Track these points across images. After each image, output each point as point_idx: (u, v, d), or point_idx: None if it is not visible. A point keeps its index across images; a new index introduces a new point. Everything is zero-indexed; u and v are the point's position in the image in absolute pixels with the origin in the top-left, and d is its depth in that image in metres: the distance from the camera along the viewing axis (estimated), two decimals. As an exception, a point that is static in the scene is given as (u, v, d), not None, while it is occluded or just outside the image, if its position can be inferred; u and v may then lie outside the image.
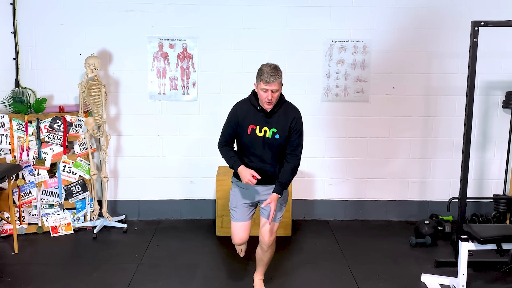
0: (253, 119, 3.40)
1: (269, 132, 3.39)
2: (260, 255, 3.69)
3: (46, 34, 5.01)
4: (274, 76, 3.25)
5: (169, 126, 5.18)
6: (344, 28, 5.06)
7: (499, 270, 3.73)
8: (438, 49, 5.09)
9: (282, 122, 3.39)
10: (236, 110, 3.46)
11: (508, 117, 5.13)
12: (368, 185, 5.30)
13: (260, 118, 3.40)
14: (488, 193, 5.28)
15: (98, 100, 4.81)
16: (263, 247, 3.61)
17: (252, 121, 3.39)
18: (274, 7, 5.03)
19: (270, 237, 3.55)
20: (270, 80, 3.25)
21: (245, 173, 3.36)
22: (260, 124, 3.39)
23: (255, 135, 3.40)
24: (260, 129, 3.39)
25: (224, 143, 3.51)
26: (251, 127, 3.40)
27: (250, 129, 3.40)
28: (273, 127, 3.39)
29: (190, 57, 5.09)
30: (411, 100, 5.17)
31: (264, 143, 3.40)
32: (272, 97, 3.29)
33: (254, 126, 3.39)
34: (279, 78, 3.28)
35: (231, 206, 3.62)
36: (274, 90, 3.28)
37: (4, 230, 4.85)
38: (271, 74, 3.25)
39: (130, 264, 4.22)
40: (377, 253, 4.48)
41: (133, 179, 5.25)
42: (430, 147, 5.24)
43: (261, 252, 3.66)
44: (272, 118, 3.40)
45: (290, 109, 3.46)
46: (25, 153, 4.83)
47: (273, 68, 3.30)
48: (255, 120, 3.39)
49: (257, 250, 3.70)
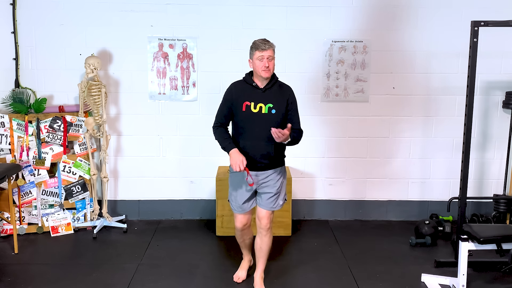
0: (247, 95, 3.48)
1: (265, 108, 3.46)
2: (258, 244, 3.70)
3: (46, 34, 5.01)
4: (267, 44, 3.43)
5: (169, 126, 5.18)
6: (344, 28, 5.06)
7: (499, 270, 3.74)
8: (438, 49, 5.09)
9: (278, 97, 3.49)
10: (231, 89, 3.56)
11: (508, 117, 5.13)
12: (368, 185, 5.30)
13: (255, 94, 3.48)
14: (488, 193, 5.28)
15: (98, 100, 4.81)
16: (261, 232, 3.63)
17: (247, 98, 3.47)
18: (274, 7, 5.03)
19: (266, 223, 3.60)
20: (266, 47, 3.41)
21: (236, 159, 3.38)
22: (255, 101, 3.46)
23: (250, 111, 3.45)
24: (255, 105, 3.46)
25: (218, 124, 3.57)
26: (246, 104, 3.46)
27: (244, 105, 3.46)
28: (269, 102, 3.47)
29: (190, 57, 5.09)
30: (411, 100, 5.17)
31: (260, 119, 3.44)
32: (269, 64, 3.42)
33: (248, 103, 3.46)
34: (272, 46, 3.45)
35: (230, 199, 3.68)
36: (270, 57, 3.42)
37: (4, 230, 4.85)
38: (264, 42, 3.43)
39: (130, 264, 4.22)
40: (377, 253, 4.48)
41: (133, 179, 5.26)
42: (430, 147, 5.24)
43: (260, 239, 3.68)
44: (267, 93, 3.48)
45: (284, 86, 3.61)
46: (25, 153, 4.83)
47: (264, 39, 3.49)
48: (250, 97, 3.47)
49: (255, 240, 3.73)
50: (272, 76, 3.55)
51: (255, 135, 3.47)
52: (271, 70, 3.46)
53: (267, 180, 3.56)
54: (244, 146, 3.49)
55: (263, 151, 3.48)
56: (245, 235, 3.81)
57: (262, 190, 3.59)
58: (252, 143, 3.48)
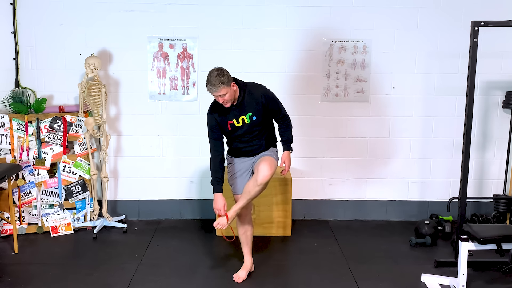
0: (227, 115, 3.66)
1: (246, 118, 3.66)
2: (249, 187, 3.65)
3: (46, 34, 5.01)
4: (215, 86, 3.46)
5: (169, 126, 5.18)
6: (344, 28, 5.06)
7: (499, 270, 3.73)
8: (438, 49, 5.09)
9: (252, 104, 3.65)
10: (211, 114, 3.75)
11: (508, 117, 5.13)
12: (368, 185, 5.30)
13: (232, 111, 3.66)
14: (488, 193, 5.28)
15: (98, 100, 4.81)
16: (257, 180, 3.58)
17: (228, 117, 3.67)
18: (274, 7, 5.03)
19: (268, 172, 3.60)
20: (213, 90, 3.51)
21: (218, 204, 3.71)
22: (235, 117, 3.67)
23: (235, 127, 3.69)
24: (238, 120, 3.67)
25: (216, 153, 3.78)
26: (229, 123, 3.68)
27: (229, 124, 3.68)
28: (248, 112, 3.65)
29: (190, 57, 5.09)
30: (411, 100, 5.17)
31: (246, 129, 3.70)
32: (224, 100, 3.54)
33: (231, 121, 3.67)
34: (220, 86, 3.45)
35: (230, 182, 3.90)
36: (222, 95, 3.51)
37: (4, 230, 4.85)
38: (212, 84, 3.47)
39: (130, 264, 4.21)
40: (377, 253, 4.48)
41: (133, 179, 5.26)
42: (430, 147, 5.24)
43: (252, 184, 3.64)
44: (242, 106, 3.65)
45: (253, 90, 3.70)
46: (25, 153, 4.83)
47: (215, 77, 3.47)
48: (230, 115, 3.66)
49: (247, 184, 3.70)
50: (239, 86, 3.65)
51: (246, 140, 3.77)
52: (230, 100, 3.58)
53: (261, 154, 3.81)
54: (237, 147, 3.83)
55: (255, 147, 3.79)
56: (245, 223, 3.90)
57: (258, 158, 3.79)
58: (244, 145, 3.79)
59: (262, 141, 3.78)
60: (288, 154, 3.86)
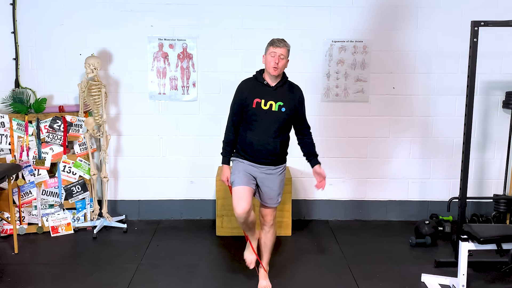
0: (258, 93, 3.55)
1: (275, 106, 3.53)
2: (263, 239, 3.79)
3: (46, 34, 5.01)
4: (283, 42, 3.50)
5: (169, 126, 5.18)
6: (344, 28, 5.06)
7: (499, 270, 3.74)
8: (438, 49, 5.09)
9: (288, 96, 3.57)
10: (242, 86, 3.64)
11: (508, 117, 5.13)
12: (368, 185, 5.30)
13: (266, 92, 3.55)
14: (488, 193, 5.28)
15: (98, 100, 4.81)
16: (265, 228, 3.73)
17: (258, 95, 3.54)
18: (274, 7, 5.03)
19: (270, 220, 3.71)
20: (280, 45, 3.47)
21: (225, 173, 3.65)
22: (265, 98, 3.54)
23: (260, 108, 3.53)
24: (266, 103, 3.53)
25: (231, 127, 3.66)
26: (256, 101, 3.54)
27: (255, 102, 3.54)
28: (279, 101, 3.54)
29: (190, 57, 5.09)
30: (411, 100, 5.17)
31: (269, 116, 3.52)
32: (279, 62, 3.47)
33: (259, 100, 3.54)
34: (286, 46, 3.51)
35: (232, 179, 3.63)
36: (282, 56, 3.47)
37: (4, 230, 4.85)
38: (280, 40, 3.51)
39: (130, 264, 4.22)
40: (377, 253, 4.48)
41: (133, 179, 5.26)
42: (430, 147, 5.24)
43: (263, 235, 3.78)
44: (277, 91, 3.56)
45: (295, 86, 3.67)
46: (25, 153, 4.83)
47: (282, 38, 3.56)
48: (260, 94, 3.54)
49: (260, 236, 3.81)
50: (283, 75, 3.63)
51: (263, 131, 3.54)
52: (280, 69, 3.51)
53: (270, 175, 3.62)
54: (251, 142, 3.56)
55: (270, 147, 3.55)
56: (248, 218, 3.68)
57: (264, 184, 3.63)
58: (259, 138, 3.55)
59: (277, 143, 3.54)
60: (319, 167, 3.69)
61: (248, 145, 3.58)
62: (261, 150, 3.55)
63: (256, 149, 3.56)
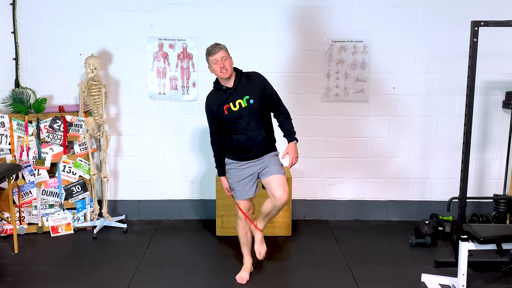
0: (223, 99, 3.66)
1: (243, 101, 3.64)
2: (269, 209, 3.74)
3: (46, 34, 5.01)
4: (217, 46, 3.62)
5: (169, 126, 5.19)
6: (344, 28, 5.06)
7: (499, 270, 3.73)
8: (438, 49, 5.09)
9: (250, 87, 3.66)
10: (207, 102, 3.76)
11: (508, 117, 5.13)
12: (368, 185, 5.30)
13: (229, 95, 3.66)
14: (488, 193, 5.28)
15: (98, 100, 4.81)
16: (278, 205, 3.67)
17: (224, 102, 3.65)
18: (274, 7, 5.03)
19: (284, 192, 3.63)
20: (216, 50, 3.59)
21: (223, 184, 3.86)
22: (232, 101, 3.64)
23: (232, 111, 3.64)
24: (234, 104, 3.64)
25: (214, 141, 3.81)
26: (226, 107, 3.64)
27: (225, 109, 3.64)
28: (244, 96, 3.64)
29: (190, 57, 5.09)
30: (411, 100, 5.17)
31: (244, 113, 3.65)
32: (224, 64, 3.57)
33: (228, 105, 3.64)
34: (222, 48, 3.62)
35: (232, 187, 3.83)
36: (223, 58, 3.59)
37: (4, 230, 4.85)
38: (214, 46, 3.63)
39: (130, 264, 4.22)
40: (377, 253, 4.48)
41: (133, 179, 5.26)
42: (430, 147, 5.24)
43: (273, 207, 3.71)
44: (239, 88, 3.65)
45: (251, 75, 3.74)
46: (25, 153, 4.83)
47: (215, 43, 3.68)
48: (226, 100, 3.65)
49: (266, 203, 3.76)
50: (236, 71, 3.71)
51: (245, 128, 3.67)
52: (229, 69, 3.62)
53: (265, 162, 3.75)
54: (239, 140, 3.69)
55: (257, 140, 3.69)
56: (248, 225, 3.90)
57: (265, 170, 3.74)
58: (245, 136, 3.67)
59: (262, 134, 3.67)
60: (293, 144, 3.76)
61: (238, 146, 3.71)
62: (251, 146, 3.68)
63: (246, 146, 3.68)
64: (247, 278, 3.91)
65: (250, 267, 3.99)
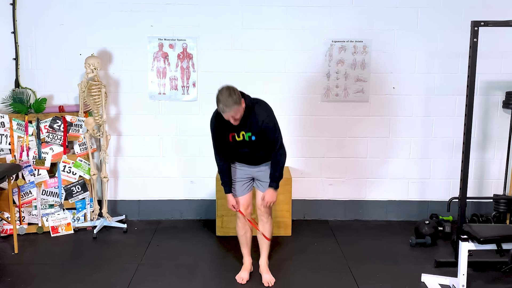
0: (229, 127, 3.62)
1: (246, 136, 3.64)
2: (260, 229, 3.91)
3: (46, 34, 5.01)
4: (228, 107, 3.39)
5: (169, 126, 5.18)
6: (344, 28, 5.06)
7: (499, 270, 3.73)
8: (438, 49, 5.09)
9: (254, 126, 3.61)
10: (214, 123, 3.73)
11: (508, 117, 5.13)
12: (368, 185, 5.30)
13: (235, 126, 3.60)
14: (488, 193, 5.28)
15: (98, 100, 4.81)
16: (262, 219, 3.87)
17: (229, 130, 3.64)
18: (274, 7, 5.03)
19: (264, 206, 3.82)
20: (227, 110, 3.41)
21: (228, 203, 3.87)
22: (237, 131, 3.64)
23: (235, 140, 3.67)
24: (238, 134, 3.65)
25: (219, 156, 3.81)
26: (231, 135, 3.66)
27: (230, 136, 3.67)
28: (248, 131, 3.63)
29: (190, 57, 5.09)
30: (411, 100, 5.17)
31: (246, 144, 3.68)
32: (235, 119, 3.50)
33: (233, 134, 3.65)
34: (233, 106, 3.39)
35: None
36: (235, 113, 3.45)
37: (4, 230, 4.85)
38: (226, 104, 3.39)
39: (130, 264, 4.22)
40: (377, 253, 4.48)
41: (133, 179, 5.26)
42: (430, 147, 5.24)
43: (262, 226, 3.90)
44: (244, 124, 3.60)
45: (259, 112, 3.61)
46: (25, 153, 4.83)
47: (227, 97, 3.39)
48: (231, 128, 3.63)
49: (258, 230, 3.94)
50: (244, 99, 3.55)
51: (245, 155, 3.75)
52: (239, 118, 3.52)
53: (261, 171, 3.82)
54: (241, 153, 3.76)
55: (257, 158, 3.78)
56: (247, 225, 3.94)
57: (259, 178, 3.84)
58: (244, 159, 3.79)
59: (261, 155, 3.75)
60: (272, 191, 3.73)
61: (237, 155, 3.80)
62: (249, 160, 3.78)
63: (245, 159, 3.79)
64: (247, 278, 3.92)
65: (250, 267, 4.00)
